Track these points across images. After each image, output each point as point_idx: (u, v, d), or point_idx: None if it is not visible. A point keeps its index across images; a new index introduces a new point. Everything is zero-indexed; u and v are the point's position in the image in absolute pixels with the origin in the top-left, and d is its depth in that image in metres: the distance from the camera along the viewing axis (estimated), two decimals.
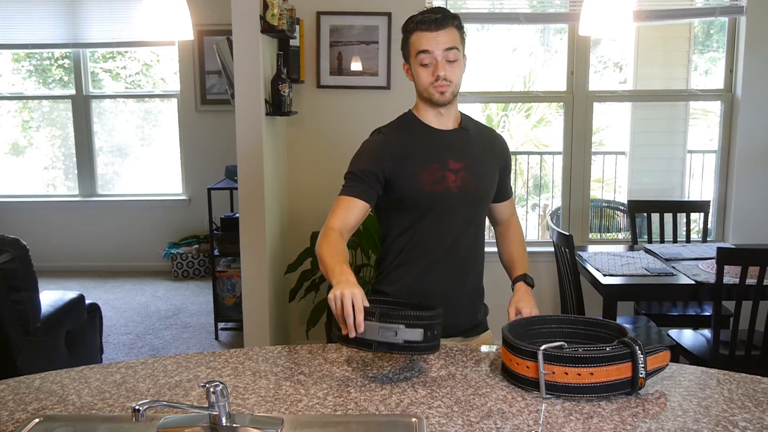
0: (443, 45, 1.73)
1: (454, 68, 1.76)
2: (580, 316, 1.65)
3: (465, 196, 1.81)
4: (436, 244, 1.82)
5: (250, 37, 3.21)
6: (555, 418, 1.30)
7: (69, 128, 6.05)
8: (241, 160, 3.32)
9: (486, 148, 1.90)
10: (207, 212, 4.34)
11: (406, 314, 1.45)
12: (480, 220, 1.90)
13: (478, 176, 1.84)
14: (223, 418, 1.20)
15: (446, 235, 1.82)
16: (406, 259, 1.84)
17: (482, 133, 1.93)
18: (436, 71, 1.74)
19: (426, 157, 1.80)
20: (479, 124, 1.96)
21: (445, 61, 1.74)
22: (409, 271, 1.84)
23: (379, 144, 1.83)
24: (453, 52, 1.74)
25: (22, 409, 1.35)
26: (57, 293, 3.33)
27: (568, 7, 3.87)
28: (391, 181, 1.79)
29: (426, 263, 1.83)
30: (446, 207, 1.80)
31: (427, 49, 1.73)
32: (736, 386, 1.44)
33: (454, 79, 1.77)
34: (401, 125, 1.88)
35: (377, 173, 1.77)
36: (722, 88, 3.96)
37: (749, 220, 3.92)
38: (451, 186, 1.79)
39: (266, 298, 3.41)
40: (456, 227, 1.83)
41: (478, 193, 1.85)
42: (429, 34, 1.73)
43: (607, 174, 5.02)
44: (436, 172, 1.78)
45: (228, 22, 3.30)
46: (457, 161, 1.81)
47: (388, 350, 1.43)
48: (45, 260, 5.48)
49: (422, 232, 1.82)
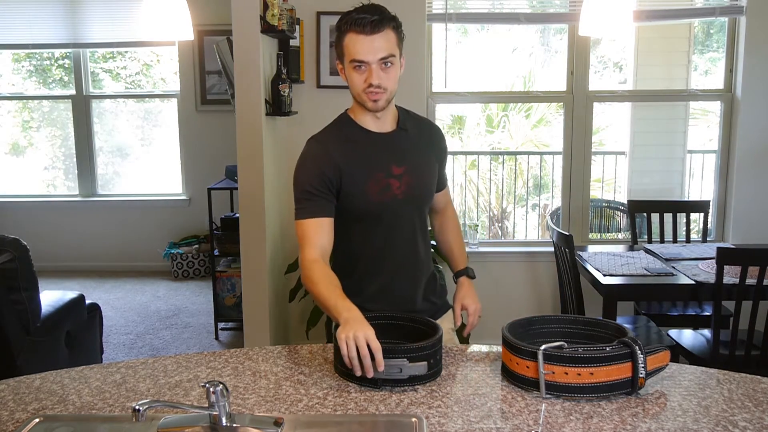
0: (379, 53, 1.64)
1: (390, 74, 1.68)
2: (580, 316, 1.65)
3: (410, 200, 1.79)
4: (388, 253, 1.80)
5: (250, 37, 3.21)
6: (555, 418, 1.30)
7: (69, 128, 6.05)
8: (241, 160, 3.32)
9: (425, 145, 1.86)
10: (207, 212, 4.34)
11: (408, 347, 1.43)
12: (424, 218, 1.89)
13: (420, 178, 1.81)
14: (223, 418, 1.20)
15: (397, 241, 1.80)
16: (363, 270, 1.81)
17: (420, 128, 1.88)
18: (369, 79, 1.66)
19: (369, 166, 1.74)
20: (417, 119, 1.90)
21: (379, 67, 1.66)
22: (373, 281, 1.82)
23: (320, 154, 1.74)
24: (389, 58, 1.66)
25: (22, 409, 1.35)
26: (57, 293, 3.33)
27: (568, 7, 3.87)
28: (338, 191, 1.73)
29: (390, 269, 1.81)
30: (393, 214, 1.77)
31: (360, 59, 1.65)
32: (736, 386, 1.45)
33: (389, 86, 1.69)
34: (339, 131, 1.80)
35: (329, 185, 1.71)
36: (722, 88, 3.96)
37: (749, 220, 3.92)
38: (397, 193, 1.76)
39: (266, 298, 3.41)
40: (405, 232, 1.82)
41: (422, 196, 1.83)
42: (364, 38, 1.64)
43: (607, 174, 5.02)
44: (381, 180, 1.74)
45: (228, 22, 3.30)
46: (399, 166, 1.76)
47: (393, 385, 1.43)
48: (45, 260, 5.47)
49: (374, 242, 1.79)
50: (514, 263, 4.02)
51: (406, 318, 1.67)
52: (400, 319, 1.67)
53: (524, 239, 5.11)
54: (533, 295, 4.00)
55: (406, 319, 1.67)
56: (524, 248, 4.09)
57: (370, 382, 1.43)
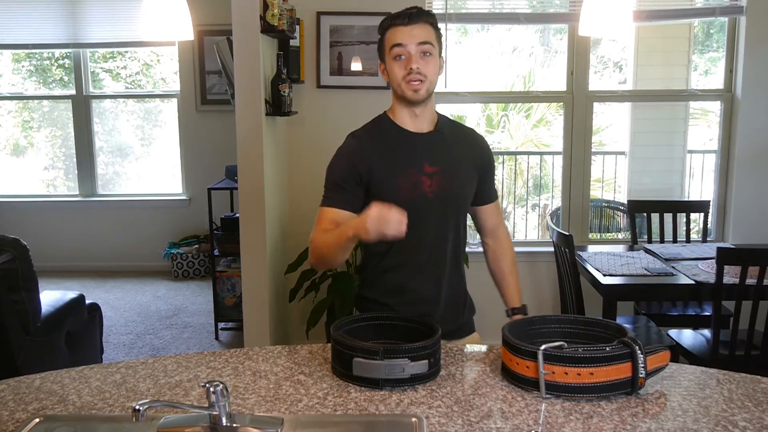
0: (417, 38, 1.71)
1: (429, 63, 1.73)
2: (580, 316, 1.65)
3: (440, 201, 1.79)
4: (413, 250, 1.80)
5: (250, 37, 3.21)
6: (555, 418, 1.30)
7: (69, 128, 6.05)
8: (241, 160, 3.32)
9: (463, 151, 1.86)
10: (207, 212, 4.34)
11: (410, 347, 1.44)
12: (458, 223, 1.86)
13: (453, 180, 1.81)
14: (223, 418, 1.20)
15: (423, 240, 1.80)
16: (386, 265, 1.84)
17: (459, 135, 1.89)
18: (409, 64, 1.71)
19: (401, 161, 1.78)
20: (457, 126, 1.93)
21: (419, 54, 1.72)
22: (389, 278, 1.84)
23: (354, 149, 1.81)
24: (427, 46, 1.72)
25: (22, 409, 1.35)
26: (57, 293, 3.33)
27: (568, 7, 3.87)
28: (368, 187, 1.77)
29: (405, 269, 1.82)
30: (422, 212, 1.77)
31: (400, 42, 1.72)
32: (736, 386, 1.45)
33: (429, 75, 1.73)
34: (375, 128, 1.85)
35: (357, 179, 1.76)
36: (722, 88, 3.96)
37: (749, 220, 3.92)
38: (427, 191, 1.77)
39: (266, 298, 3.41)
40: (432, 232, 1.81)
41: (453, 198, 1.82)
42: (403, 27, 1.73)
43: (607, 174, 5.03)
44: (412, 176, 1.76)
45: (228, 22, 3.29)
46: (431, 165, 1.78)
47: (394, 385, 1.43)
48: (45, 260, 5.47)
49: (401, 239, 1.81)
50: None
51: (403, 318, 1.68)
52: (398, 319, 1.67)
53: (524, 239, 5.11)
54: (533, 295, 4.00)
55: (404, 319, 1.67)
56: (524, 248, 4.09)
57: (371, 383, 1.43)
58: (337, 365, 1.48)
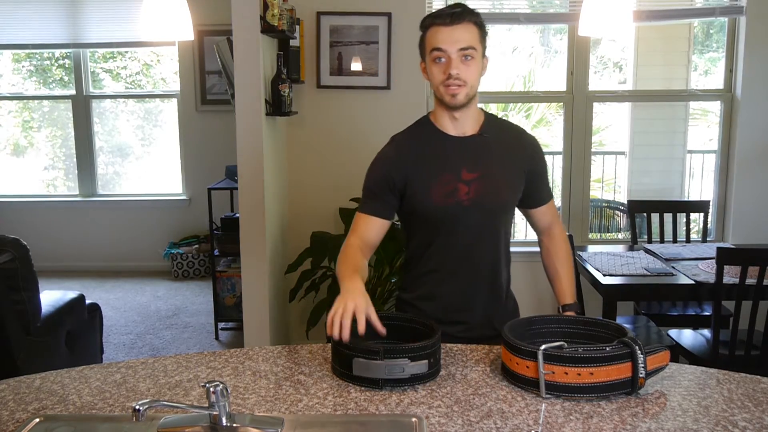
0: (459, 43, 1.64)
1: (470, 68, 1.67)
2: (580, 316, 1.65)
3: (477, 209, 1.73)
4: (449, 255, 1.78)
5: (250, 37, 3.21)
6: (555, 418, 1.30)
7: (69, 128, 6.05)
8: (241, 160, 3.32)
9: (508, 155, 1.79)
10: (207, 212, 4.34)
11: (410, 347, 1.44)
12: (499, 229, 1.81)
13: (493, 187, 1.74)
14: (223, 418, 1.20)
15: (458, 246, 1.76)
16: (424, 269, 1.82)
17: (506, 137, 1.81)
18: (448, 69, 1.65)
19: (438, 168, 1.73)
20: (505, 127, 1.84)
21: (460, 59, 1.65)
22: (424, 283, 1.83)
23: (390, 155, 1.78)
24: (469, 50, 1.65)
25: (22, 409, 1.35)
26: (57, 293, 3.33)
27: (568, 7, 3.87)
28: (403, 194, 1.76)
29: (442, 273, 1.80)
30: (457, 220, 1.73)
31: (440, 47, 1.65)
32: (736, 386, 1.45)
33: (469, 80, 1.67)
34: (415, 132, 1.81)
35: (391, 187, 1.75)
36: (722, 88, 3.96)
37: (749, 220, 3.92)
38: (463, 199, 1.72)
39: (266, 298, 3.41)
40: (469, 239, 1.76)
41: (492, 205, 1.75)
42: (444, 28, 1.66)
43: (607, 174, 5.03)
44: (448, 184, 1.71)
45: (228, 22, 3.29)
46: (470, 171, 1.73)
47: (394, 385, 1.44)
48: (45, 260, 5.48)
49: (436, 243, 1.78)
50: (514, 263, 3.94)
51: (402, 318, 1.68)
52: (397, 319, 1.67)
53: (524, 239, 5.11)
54: (533, 295, 4.00)
55: (403, 319, 1.67)
56: (524, 248, 4.08)
57: (371, 382, 1.43)
58: (337, 365, 1.48)
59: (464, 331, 1.81)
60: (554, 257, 1.94)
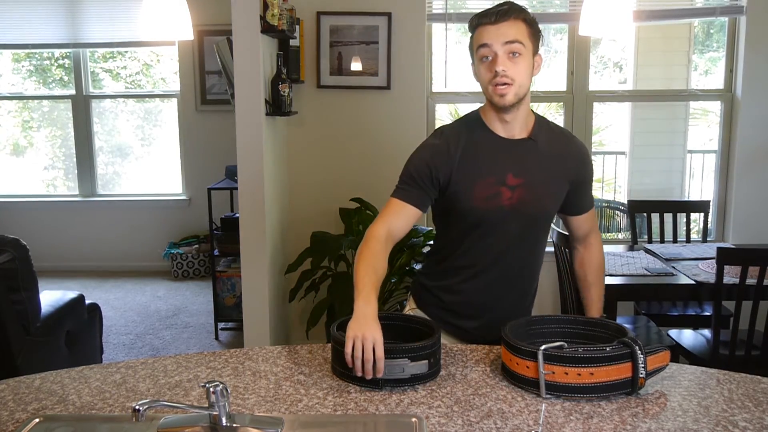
0: (504, 37, 1.57)
1: (518, 65, 1.59)
2: (580, 316, 1.65)
3: (518, 215, 1.69)
4: (481, 256, 1.74)
5: (250, 37, 3.21)
6: (555, 418, 1.30)
7: (69, 128, 6.05)
8: (241, 160, 3.32)
9: (556, 163, 1.72)
10: (207, 212, 4.34)
11: (410, 347, 1.43)
12: (537, 236, 1.77)
13: (537, 194, 1.69)
14: (223, 418, 1.20)
15: (493, 249, 1.73)
16: (453, 264, 1.78)
17: (556, 143, 1.74)
18: (494, 66, 1.58)
19: (483, 169, 1.67)
20: (556, 132, 1.77)
21: (506, 55, 1.58)
22: (454, 275, 1.79)
23: (437, 146, 1.70)
24: (516, 45, 1.57)
25: (22, 409, 1.35)
26: (57, 293, 3.33)
27: (568, 7, 3.87)
28: (444, 190, 1.69)
29: (471, 271, 1.76)
30: (495, 224, 1.69)
31: (486, 42, 1.59)
32: (736, 386, 1.44)
33: (518, 78, 1.59)
34: (464, 127, 1.73)
35: (433, 178, 1.68)
36: (722, 88, 3.96)
37: (749, 220, 3.92)
38: (505, 204, 1.67)
39: (266, 298, 3.41)
40: (504, 243, 1.72)
41: (533, 213, 1.71)
42: (490, 26, 1.59)
43: (607, 174, 5.02)
44: (491, 186, 1.66)
45: (228, 22, 3.29)
46: (516, 177, 1.67)
47: (394, 385, 1.43)
48: (45, 260, 5.48)
49: (470, 242, 1.73)
50: None
51: (402, 318, 1.68)
52: (397, 319, 1.67)
53: None
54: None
55: (404, 319, 1.67)
56: None
57: (371, 383, 1.43)
58: (337, 365, 1.48)
59: (478, 329, 1.80)
60: (587, 268, 1.91)
